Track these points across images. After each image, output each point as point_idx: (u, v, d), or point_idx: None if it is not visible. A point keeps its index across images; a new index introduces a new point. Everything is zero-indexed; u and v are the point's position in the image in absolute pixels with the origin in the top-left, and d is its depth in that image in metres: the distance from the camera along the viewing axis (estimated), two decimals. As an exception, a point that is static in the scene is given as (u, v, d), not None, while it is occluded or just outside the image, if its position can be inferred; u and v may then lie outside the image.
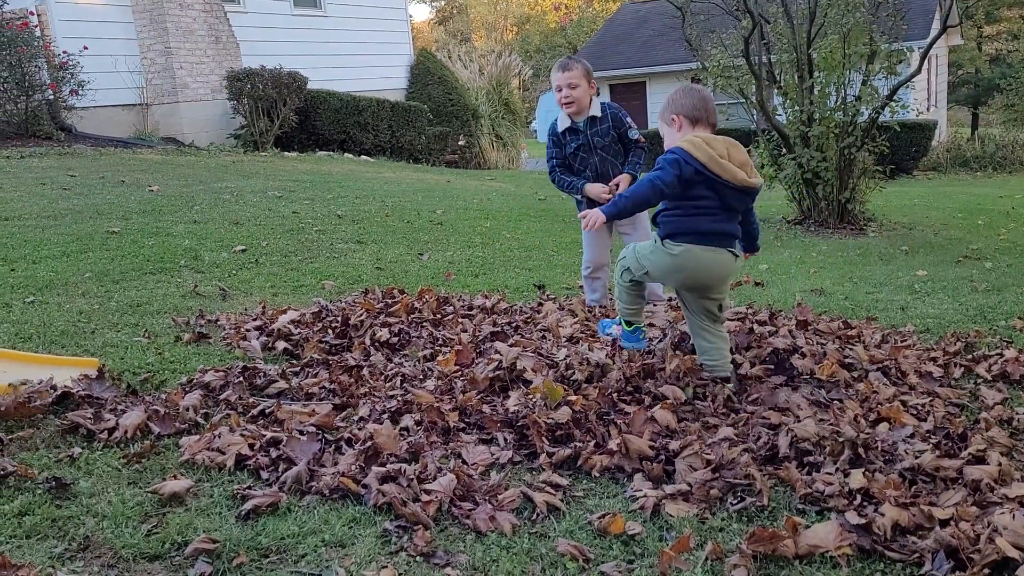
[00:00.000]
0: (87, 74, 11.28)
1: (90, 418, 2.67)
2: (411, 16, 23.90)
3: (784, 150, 8.71)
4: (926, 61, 9.05)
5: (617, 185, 4.05)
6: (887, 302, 4.88)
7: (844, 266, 6.38)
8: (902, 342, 3.83)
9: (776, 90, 8.97)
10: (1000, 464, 2.39)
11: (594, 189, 4.11)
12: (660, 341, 3.56)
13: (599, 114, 4.12)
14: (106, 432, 2.61)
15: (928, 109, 20.27)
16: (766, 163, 9.11)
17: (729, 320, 3.75)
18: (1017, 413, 2.91)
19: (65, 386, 2.89)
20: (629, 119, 4.19)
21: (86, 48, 11.40)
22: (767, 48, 8.94)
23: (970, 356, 3.62)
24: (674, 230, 3.05)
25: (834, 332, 3.88)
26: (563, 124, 4.15)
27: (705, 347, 3.21)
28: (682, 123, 3.10)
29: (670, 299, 4.62)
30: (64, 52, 11.19)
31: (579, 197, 4.23)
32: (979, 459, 2.46)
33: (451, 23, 51.25)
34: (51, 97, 11.33)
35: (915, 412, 2.91)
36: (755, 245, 3.34)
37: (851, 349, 3.54)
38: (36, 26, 11.33)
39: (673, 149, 3.00)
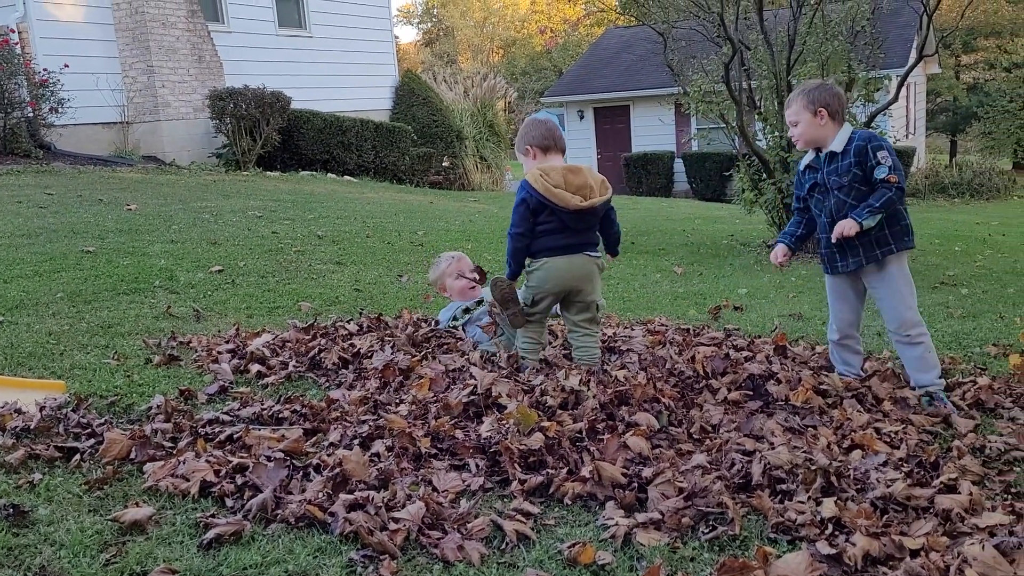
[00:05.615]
0: (67, 92, 11.20)
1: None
2: (397, 37, 23.97)
3: (764, 175, 8.77)
4: (904, 89, 9.17)
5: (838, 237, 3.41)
6: (863, 328, 4.89)
7: (823, 291, 6.37)
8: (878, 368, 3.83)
9: (756, 115, 9.04)
10: (971, 493, 2.39)
11: (776, 255, 3.74)
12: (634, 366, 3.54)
13: (839, 149, 3.40)
14: (69, 457, 2.55)
15: (906, 136, 20.52)
16: (747, 188, 9.16)
17: (705, 345, 3.75)
18: (989, 441, 2.91)
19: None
20: (882, 153, 3.30)
21: (67, 66, 11.33)
22: (747, 74, 9.02)
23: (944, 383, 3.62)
24: (532, 252, 3.54)
25: (810, 358, 3.89)
26: (807, 159, 3.61)
27: (585, 346, 3.63)
28: (535, 152, 3.57)
29: (647, 322, 4.61)
30: (45, 69, 11.13)
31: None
32: (951, 488, 2.45)
33: (437, 45, 51.51)
34: (31, 115, 11.25)
35: (888, 439, 2.91)
36: (615, 250, 3.80)
37: (826, 375, 3.54)
38: (16, 43, 11.27)
39: (521, 183, 3.50)
